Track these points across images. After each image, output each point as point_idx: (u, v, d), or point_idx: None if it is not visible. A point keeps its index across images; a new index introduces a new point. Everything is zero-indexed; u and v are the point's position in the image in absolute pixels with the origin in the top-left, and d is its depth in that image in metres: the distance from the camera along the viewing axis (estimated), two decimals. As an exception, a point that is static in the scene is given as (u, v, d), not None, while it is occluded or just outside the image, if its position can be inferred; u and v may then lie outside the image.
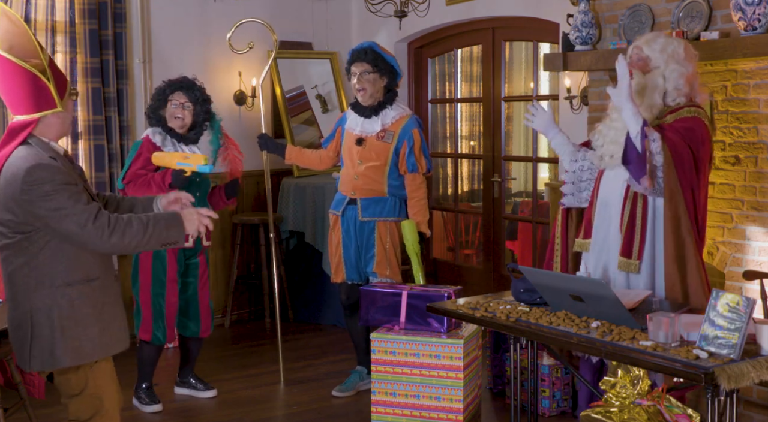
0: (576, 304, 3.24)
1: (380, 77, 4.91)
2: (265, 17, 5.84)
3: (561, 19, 5.32)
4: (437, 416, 4.31)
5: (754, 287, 4.21)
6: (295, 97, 6.93)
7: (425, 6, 5.74)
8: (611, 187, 3.83)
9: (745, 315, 2.74)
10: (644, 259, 3.73)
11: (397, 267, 4.97)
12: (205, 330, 5.00)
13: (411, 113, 5.02)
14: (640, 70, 3.74)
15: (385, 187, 4.93)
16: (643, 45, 3.78)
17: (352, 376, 5.12)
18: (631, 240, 3.73)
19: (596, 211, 3.89)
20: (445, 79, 7.06)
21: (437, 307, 3.75)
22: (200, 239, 4.77)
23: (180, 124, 4.82)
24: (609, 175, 3.85)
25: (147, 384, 4.91)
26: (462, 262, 6.94)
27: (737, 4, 4.07)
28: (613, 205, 3.81)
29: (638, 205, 3.72)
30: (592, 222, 3.91)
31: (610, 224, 3.82)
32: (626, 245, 3.73)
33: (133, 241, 2.99)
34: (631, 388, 3.34)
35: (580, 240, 3.98)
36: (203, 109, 4.87)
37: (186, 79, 4.91)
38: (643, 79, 3.73)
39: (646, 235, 3.72)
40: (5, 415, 4.25)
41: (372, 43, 5.00)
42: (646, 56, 3.76)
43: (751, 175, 4.29)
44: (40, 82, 2.99)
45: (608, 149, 3.81)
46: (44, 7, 5.77)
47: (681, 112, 3.74)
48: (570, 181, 4.07)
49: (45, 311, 3.01)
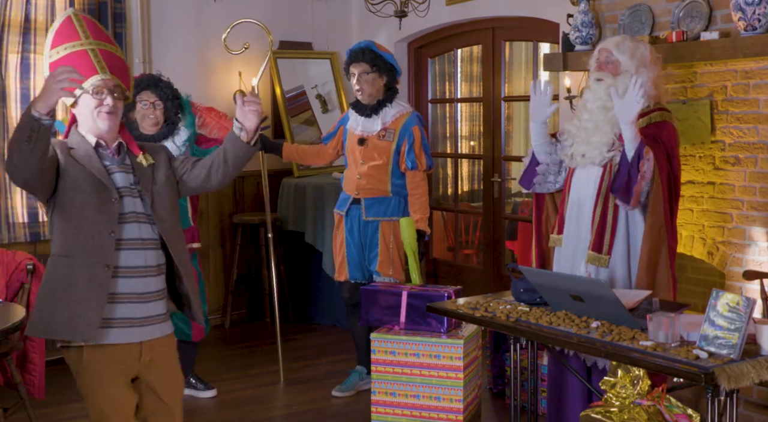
0: (576, 304, 3.24)
1: (379, 76, 4.91)
2: (265, 17, 5.84)
3: (561, 19, 5.32)
4: (437, 416, 4.31)
5: (754, 287, 4.21)
6: (295, 97, 6.92)
7: (425, 6, 5.73)
8: (583, 185, 3.90)
9: (745, 315, 2.74)
10: (613, 255, 3.81)
11: (400, 266, 4.97)
12: (197, 334, 4.91)
13: (412, 110, 5.01)
14: (610, 73, 3.82)
15: (388, 186, 4.93)
16: (612, 48, 3.85)
17: (351, 376, 5.12)
18: (602, 236, 3.82)
19: (568, 209, 3.96)
20: (445, 79, 7.06)
21: (437, 307, 3.75)
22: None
23: (152, 122, 4.72)
24: (580, 174, 3.93)
25: None
26: (462, 262, 6.94)
27: (737, 4, 4.07)
28: (585, 203, 3.89)
29: (610, 202, 3.81)
30: (565, 219, 3.98)
31: (581, 221, 3.90)
32: (597, 241, 3.82)
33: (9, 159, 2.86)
34: (631, 388, 3.34)
35: (554, 236, 4.07)
36: (174, 105, 4.76)
37: (151, 76, 4.81)
38: (614, 82, 3.79)
39: (616, 232, 3.81)
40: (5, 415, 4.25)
41: (369, 42, 4.99)
42: (616, 60, 3.83)
43: (751, 175, 4.29)
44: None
45: (579, 149, 3.89)
46: (44, 7, 5.76)
47: (652, 116, 3.84)
48: (541, 173, 4.10)
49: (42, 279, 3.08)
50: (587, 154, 3.85)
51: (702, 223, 4.52)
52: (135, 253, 3.03)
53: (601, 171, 3.84)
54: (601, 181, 3.84)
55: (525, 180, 4.19)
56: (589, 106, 3.88)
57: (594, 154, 3.84)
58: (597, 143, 3.83)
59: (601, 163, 3.84)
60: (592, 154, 3.84)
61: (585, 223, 3.89)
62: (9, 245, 5.54)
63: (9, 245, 5.54)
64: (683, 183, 4.58)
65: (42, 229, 5.77)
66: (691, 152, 4.55)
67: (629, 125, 3.68)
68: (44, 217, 5.78)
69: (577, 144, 3.90)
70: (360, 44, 5.00)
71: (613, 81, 3.80)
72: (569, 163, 3.97)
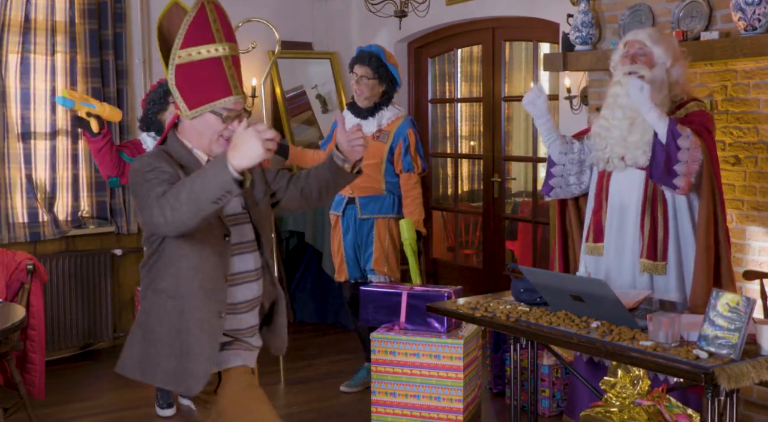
0: (576, 304, 3.24)
1: (379, 84, 4.97)
2: (266, 17, 5.83)
3: (561, 19, 5.32)
4: (437, 416, 4.31)
5: (754, 287, 4.21)
6: (295, 97, 6.92)
7: (425, 6, 5.73)
8: (626, 190, 3.72)
9: (745, 315, 2.74)
10: (669, 260, 3.66)
11: (395, 264, 5.00)
12: None
13: (406, 114, 5.09)
14: (645, 64, 3.67)
15: (382, 184, 4.98)
16: (646, 40, 3.70)
17: (360, 372, 5.16)
18: (654, 242, 3.65)
19: (609, 216, 3.77)
20: (445, 79, 7.06)
21: (437, 307, 3.75)
22: None
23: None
24: (620, 178, 3.74)
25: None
26: (462, 262, 6.94)
27: (737, 4, 4.07)
28: (630, 208, 3.71)
29: (659, 205, 3.65)
30: (603, 227, 3.80)
31: (628, 228, 3.73)
32: (651, 247, 3.65)
33: (176, 212, 2.43)
34: (631, 388, 3.34)
35: (590, 245, 3.87)
36: None
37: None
38: (651, 73, 3.65)
39: (668, 236, 3.65)
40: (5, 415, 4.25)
41: (380, 49, 5.02)
42: (650, 52, 3.69)
43: (751, 175, 4.29)
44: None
45: (615, 151, 3.70)
46: (44, 7, 5.76)
47: (689, 106, 3.72)
48: (559, 175, 3.97)
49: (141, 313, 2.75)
50: (627, 156, 3.66)
51: (702, 223, 4.51)
52: (244, 287, 2.78)
53: (644, 174, 3.66)
54: (646, 183, 3.66)
55: (545, 187, 4.02)
56: (621, 102, 3.67)
57: (636, 154, 3.64)
58: (637, 143, 3.64)
59: (645, 164, 3.64)
60: (633, 155, 3.64)
61: (631, 230, 3.71)
62: (9, 245, 5.54)
63: (9, 245, 5.54)
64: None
65: (42, 229, 5.77)
66: (691, 152, 4.55)
67: (649, 109, 3.49)
68: (44, 217, 5.78)
69: (612, 146, 3.69)
70: (371, 48, 5.03)
71: (650, 73, 3.63)
72: (605, 167, 3.76)
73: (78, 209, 5.97)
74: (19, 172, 5.72)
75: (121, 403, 5.02)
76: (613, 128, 3.70)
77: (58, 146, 5.86)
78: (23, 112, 5.76)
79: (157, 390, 4.84)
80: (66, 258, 5.87)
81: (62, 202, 5.92)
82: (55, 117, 5.84)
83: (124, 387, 5.30)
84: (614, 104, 3.71)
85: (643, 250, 3.67)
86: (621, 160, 3.70)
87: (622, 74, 3.69)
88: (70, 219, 5.93)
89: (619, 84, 3.69)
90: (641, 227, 3.68)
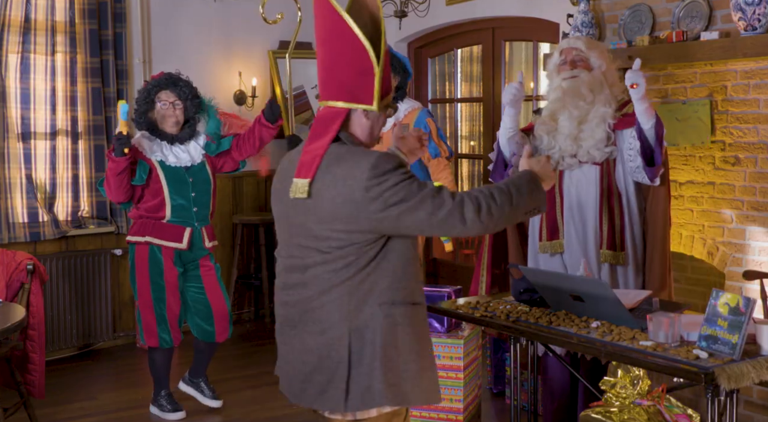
0: (576, 304, 3.24)
1: (393, 76, 4.92)
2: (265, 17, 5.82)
3: (561, 19, 5.32)
4: (437, 416, 4.31)
5: (754, 287, 4.21)
6: (296, 97, 6.92)
7: (425, 6, 5.74)
8: (583, 186, 3.87)
9: (745, 315, 2.74)
10: (627, 250, 3.85)
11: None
12: (220, 334, 4.78)
13: (421, 105, 5.06)
14: (583, 69, 3.86)
15: None
16: (582, 47, 3.89)
17: None
18: (612, 233, 3.83)
19: (566, 213, 3.89)
20: (445, 79, 7.06)
21: (437, 307, 3.75)
22: (202, 240, 4.72)
23: (173, 122, 4.58)
24: (574, 176, 3.88)
25: (166, 390, 4.78)
26: (462, 262, 6.93)
27: (737, 4, 4.07)
28: (588, 203, 3.86)
29: (614, 198, 3.83)
30: (559, 224, 3.90)
31: (588, 222, 3.87)
32: (610, 238, 3.83)
33: (493, 216, 2.50)
34: (631, 388, 3.34)
35: (545, 243, 3.95)
36: (193, 104, 4.63)
37: (170, 75, 4.64)
38: (590, 76, 3.83)
39: (625, 227, 3.84)
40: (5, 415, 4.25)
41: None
42: (587, 57, 3.87)
43: (751, 175, 4.29)
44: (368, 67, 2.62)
45: (567, 150, 3.83)
46: (44, 7, 5.77)
47: (629, 107, 3.84)
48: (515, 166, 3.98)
49: (366, 333, 2.51)
50: (580, 153, 3.82)
51: (702, 223, 4.52)
52: None
53: (599, 169, 3.83)
54: (601, 178, 3.83)
55: (497, 175, 4.02)
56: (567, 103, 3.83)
57: (590, 151, 3.80)
58: (589, 140, 3.80)
59: (600, 160, 3.82)
60: (585, 152, 3.81)
61: (591, 225, 3.86)
62: (9, 245, 5.55)
63: (9, 245, 5.55)
64: (683, 183, 4.59)
65: (42, 229, 5.77)
66: (691, 152, 4.55)
67: (641, 99, 3.62)
68: (44, 217, 5.78)
69: (562, 146, 3.85)
70: None
71: (589, 76, 3.83)
72: (555, 167, 3.86)
73: (78, 209, 5.97)
74: (19, 172, 5.72)
75: (121, 403, 5.02)
76: (562, 128, 3.86)
77: (58, 146, 5.86)
78: (23, 112, 5.76)
79: (161, 396, 4.81)
80: (66, 258, 5.87)
81: (62, 202, 5.92)
82: (55, 117, 5.84)
83: (124, 387, 5.31)
84: (561, 107, 3.86)
85: (603, 241, 3.84)
86: (573, 157, 3.85)
87: (562, 78, 3.87)
88: (69, 220, 5.93)
89: (561, 88, 3.86)
90: (599, 220, 3.85)
